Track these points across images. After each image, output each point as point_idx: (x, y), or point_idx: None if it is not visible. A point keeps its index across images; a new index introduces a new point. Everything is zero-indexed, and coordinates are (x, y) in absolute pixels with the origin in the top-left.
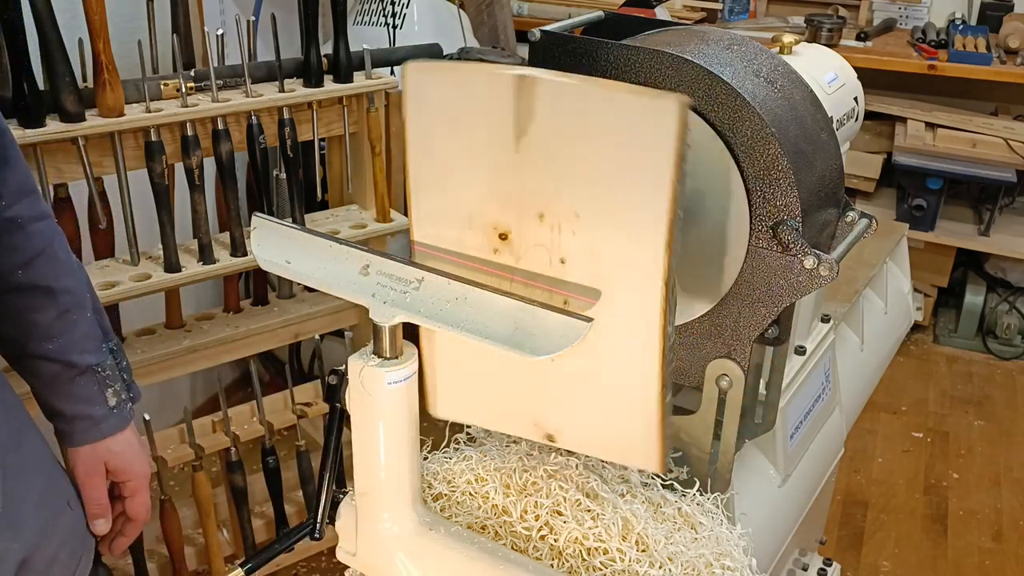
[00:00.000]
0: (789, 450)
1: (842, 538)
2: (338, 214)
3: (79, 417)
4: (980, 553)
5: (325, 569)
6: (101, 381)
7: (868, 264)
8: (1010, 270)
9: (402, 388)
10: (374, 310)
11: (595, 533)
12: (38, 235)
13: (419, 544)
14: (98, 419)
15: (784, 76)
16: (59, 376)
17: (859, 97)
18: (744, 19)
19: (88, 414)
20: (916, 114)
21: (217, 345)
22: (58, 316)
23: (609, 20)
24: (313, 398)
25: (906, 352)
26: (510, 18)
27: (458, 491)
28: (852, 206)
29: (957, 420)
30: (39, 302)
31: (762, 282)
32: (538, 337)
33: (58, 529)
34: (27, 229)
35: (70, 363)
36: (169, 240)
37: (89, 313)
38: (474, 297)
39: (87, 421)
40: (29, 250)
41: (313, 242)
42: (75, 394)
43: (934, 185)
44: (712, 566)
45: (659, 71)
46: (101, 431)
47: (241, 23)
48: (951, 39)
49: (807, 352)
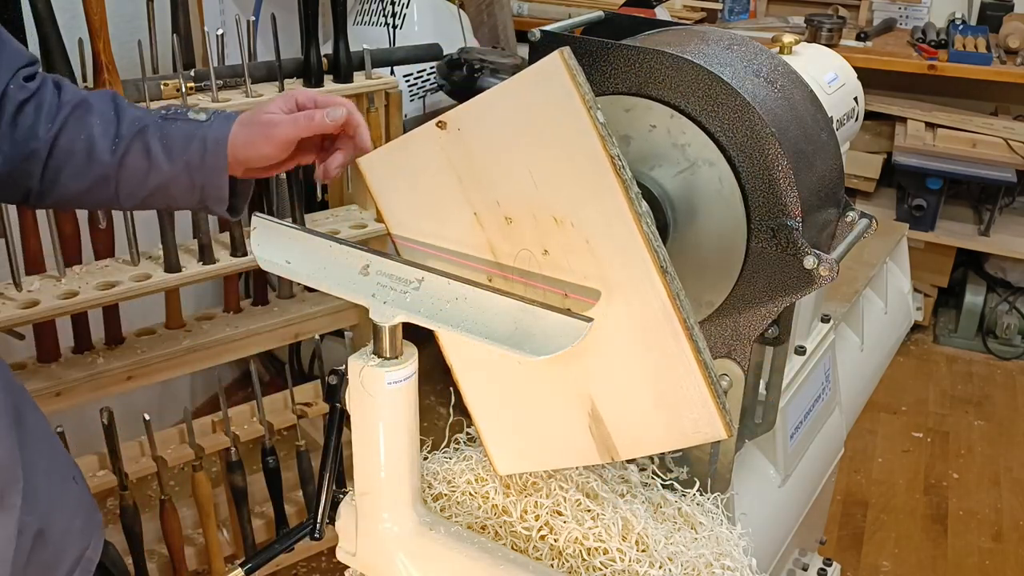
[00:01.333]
0: (789, 450)
1: (842, 538)
2: (338, 214)
3: (195, 139)
4: (980, 553)
5: (325, 569)
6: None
7: (868, 264)
8: (1010, 270)
9: (402, 388)
10: (374, 310)
11: (595, 533)
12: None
13: (419, 544)
14: (204, 123)
15: (784, 76)
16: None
17: (859, 97)
18: (744, 19)
19: (192, 132)
20: (916, 114)
21: (217, 345)
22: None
23: (609, 20)
24: (313, 398)
25: (906, 352)
26: (510, 18)
27: (458, 491)
28: (852, 206)
29: (957, 420)
30: (79, 156)
31: (762, 282)
32: (538, 337)
33: (67, 501)
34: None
35: (142, 132)
36: (169, 240)
37: (120, 113)
38: (474, 297)
39: (203, 130)
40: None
41: (313, 242)
42: (172, 136)
43: (934, 185)
44: (712, 566)
45: (659, 71)
46: (224, 125)
47: (241, 23)
48: (951, 39)
49: (807, 352)
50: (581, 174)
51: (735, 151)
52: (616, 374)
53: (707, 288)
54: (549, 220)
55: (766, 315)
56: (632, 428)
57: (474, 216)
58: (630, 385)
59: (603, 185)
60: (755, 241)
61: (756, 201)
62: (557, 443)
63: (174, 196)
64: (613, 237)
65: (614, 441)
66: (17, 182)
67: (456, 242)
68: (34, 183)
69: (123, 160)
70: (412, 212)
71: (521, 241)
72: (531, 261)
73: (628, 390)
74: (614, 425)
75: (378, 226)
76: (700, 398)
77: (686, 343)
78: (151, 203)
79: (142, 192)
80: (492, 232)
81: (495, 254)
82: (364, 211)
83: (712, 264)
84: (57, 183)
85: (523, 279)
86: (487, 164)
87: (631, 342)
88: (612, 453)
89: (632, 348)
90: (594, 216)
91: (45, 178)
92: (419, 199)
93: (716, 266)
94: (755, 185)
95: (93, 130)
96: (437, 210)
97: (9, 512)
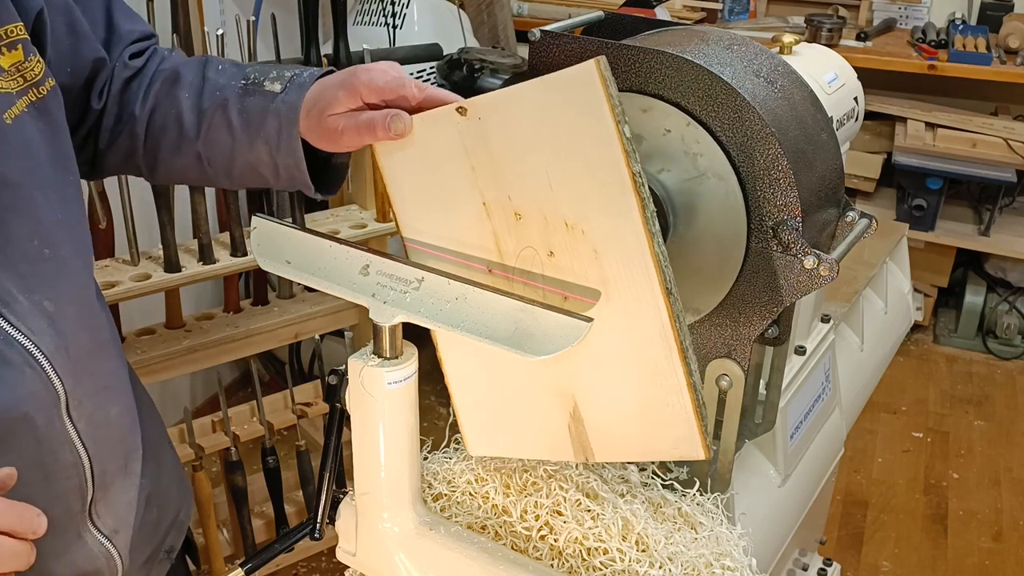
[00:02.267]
0: (789, 450)
1: (842, 538)
2: (338, 214)
3: (270, 113)
4: (980, 553)
5: (325, 569)
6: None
7: (868, 264)
8: (1010, 270)
9: (402, 388)
10: (374, 310)
11: (595, 533)
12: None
13: (419, 544)
14: (278, 95)
15: (784, 76)
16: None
17: (859, 97)
18: (744, 19)
19: (266, 107)
20: (916, 114)
21: (217, 345)
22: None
23: (609, 20)
24: (313, 398)
25: (906, 352)
26: (510, 18)
27: (458, 491)
28: (852, 206)
29: (957, 420)
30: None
31: (762, 282)
32: (538, 337)
33: (166, 466)
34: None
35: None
36: (169, 240)
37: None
38: (474, 297)
39: (276, 105)
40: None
41: (313, 242)
42: (250, 110)
43: (934, 185)
44: (712, 566)
45: (659, 71)
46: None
47: (241, 23)
48: (951, 39)
49: (807, 352)
50: (600, 185)
51: (735, 151)
52: (604, 381)
53: (707, 287)
54: (560, 223)
55: (766, 315)
56: (612, 435)
57: (483, 206)
58: (616, 393)
59: (621, 201)
60: (755, 241)
61: (756, 201)
62: (533, 435)
63: (264, 176)
64: (623, 252)
65: (591, 443)
66: (126, 159)
67: (461, 229)
68: (139, 159)
69: (207, 137)
70: (420, 194)
71: (527, 238)
72: (534, 260)
73: (614, 398)
74: (594, 428)
75: (378, 226)
76: (685, 418)
77: (679, 364)
78: (248, 181)
79: (235, 170)
80: (499, 224)
81: (499, 247)
82: (364, 211)
83: (712, 263)
84: (158, 160)
85: (524, 279)
86: (504, 158)
87: (625, 353)
88: (588, 454)
89: (625, 359)
90: (607, 228)
91: (147, 155)
92: (429, 180)
93: (716, 265)
94: (755, 185)
95: (181, 104)
96: (446, 194)
97: (131, 479)
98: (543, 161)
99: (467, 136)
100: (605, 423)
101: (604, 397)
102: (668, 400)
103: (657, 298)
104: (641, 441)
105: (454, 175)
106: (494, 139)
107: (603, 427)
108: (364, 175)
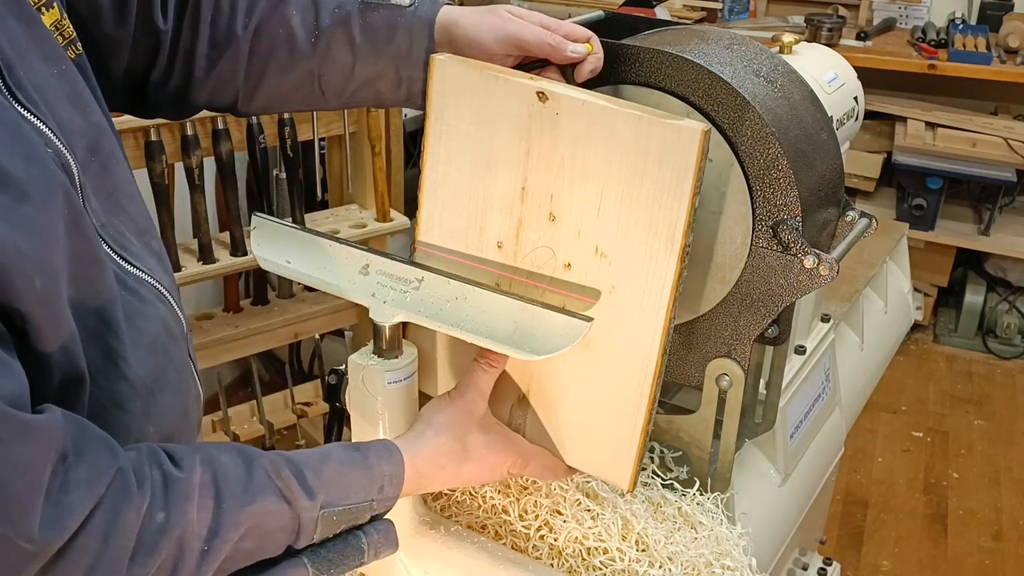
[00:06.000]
0: (789, 450)
1: (842, 538)
2: (338, 214)
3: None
4: (980, 553)
5: None
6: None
7: (868, 264)
8: (1010, 270)
9: (402, 388)
10: (374, 310)
11: (595, 533)
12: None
13: (419, 544)
14: (408, 8)
15: (784, 76)
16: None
17: (859, 97)
18: (744, 19)
19: (395, 19)
20: (916, 114)
21: (217, 345)
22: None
23: (609, 19)
24: (313, 398)
25: (906, 352)
26: None
27: (458, 491)
28: (852, 206)
29: (957, 420)
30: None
31: (762, 281)
32: (538, 337)
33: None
34: None
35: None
36: (169, 239)
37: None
38: (474, 297)
39: (407, 18)
40: None
41: (313, 242)
42: (374, 25)
43: (934, 185)
44: (712, 566)
45: (659, 71)
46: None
47: None
48: (951, 39)
49: (807, 352)
50: (650, 238)
51: (736, 150)
52: (567, 385)
53: (707, 287)
54: (592, 245)
55: (766, 315)
56: (550, 433)
57: (522, 190)
58: (573, 401)
59: (663, 263)
60: (755, 240)
61: (756, 200)
62: None
63: (382, 92)
64: (641, 300)
65: (526, 429)
66: (224, 86)
67: (489, 197)
68: (239, 83)
69: (326, 53)
70: (461, 141)
71: (550, 240)
72: (547, 263)
73: (568, 403)
74: (533, 421)
75: (378, 226)
76: (627, 450)
77: (646, 403)
78: (359, 99)
79: (350, 87)
80: (528, 214)
81: (518, 234)
82: (364, 211)
83: (712, 263)
84: (263, 82)
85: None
86: (565, 161)
87: (600, 373)
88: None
89: (596, 378)
90: (636, 273)
91: (250, 77)
92: (478, 134)
93: (716, 265)
94: (755, 184)
95: (292, 22)
96: (489, 157)
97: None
98: (603, 186)
99: (536, 120)
100: (549, 420)
101: (560, 399)
102: (619, 429)
103: (654, 348)
104: (575, 450)
105: (506, 146)
106: (563, 139)
107: (544, 423)
108: (364, 175)
